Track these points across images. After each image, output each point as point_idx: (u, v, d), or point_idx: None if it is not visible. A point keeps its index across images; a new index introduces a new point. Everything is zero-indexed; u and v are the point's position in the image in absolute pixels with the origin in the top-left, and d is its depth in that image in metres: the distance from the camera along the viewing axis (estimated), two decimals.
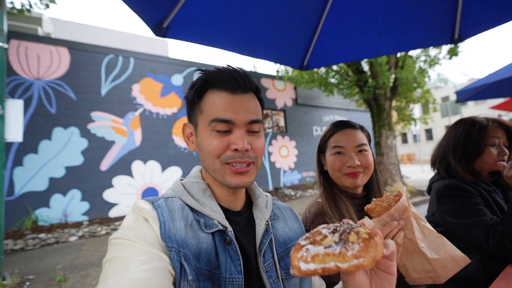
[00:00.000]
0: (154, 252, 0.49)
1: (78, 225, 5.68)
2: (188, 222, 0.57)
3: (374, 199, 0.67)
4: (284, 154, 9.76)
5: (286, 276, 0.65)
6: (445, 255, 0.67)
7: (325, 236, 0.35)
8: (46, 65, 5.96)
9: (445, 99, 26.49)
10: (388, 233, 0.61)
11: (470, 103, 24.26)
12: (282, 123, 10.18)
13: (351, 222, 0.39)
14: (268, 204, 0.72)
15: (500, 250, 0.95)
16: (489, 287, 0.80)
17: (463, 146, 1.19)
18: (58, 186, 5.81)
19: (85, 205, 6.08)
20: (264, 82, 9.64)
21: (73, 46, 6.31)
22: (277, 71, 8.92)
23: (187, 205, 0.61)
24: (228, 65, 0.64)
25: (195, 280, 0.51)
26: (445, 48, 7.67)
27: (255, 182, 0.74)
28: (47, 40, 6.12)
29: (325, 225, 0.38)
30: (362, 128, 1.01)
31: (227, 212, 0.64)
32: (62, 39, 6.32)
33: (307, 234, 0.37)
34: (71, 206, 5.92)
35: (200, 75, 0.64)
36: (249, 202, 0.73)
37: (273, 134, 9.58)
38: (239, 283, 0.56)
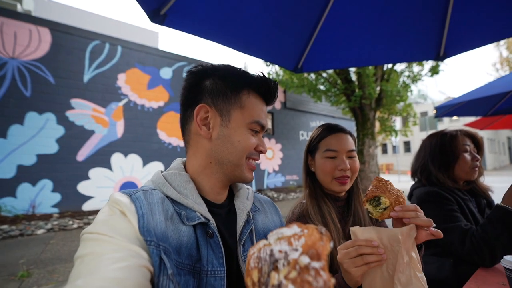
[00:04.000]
0: (131, 248, 0.46)
1: (47, 217, 5.34)
2: (169, 215, 0.56)
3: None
4: (269, 157, 9.80)
5: None
6: None
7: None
8: (24, 45, 5.59)
9: (424, 114, 27.95)
10: (363, 246, 0.61)
11: (446, 120, 25.79)
12: (269, 125, 10.23)
13: None
14: (249, 196, 0.73)
15: (475, 255, 1.01)
16: None
17: (439, 155, 1.28)
18: (27, 174, 5.44)
19: (56, 197, 5.74)
20: None
21: (55, 27, 5.97)
22: (268, 73, 8.97)
23: (168, 197, 0.60)
24: (266, 76, 0.68)
25: (175, 275, 0.50)
26: (427, 66, 8.11)
27: None
28: (27, 18, 5.74)
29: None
30: (350, 134, 1.03)
31: (209, 204, 0.64)
32: (43, 19, 5.95)
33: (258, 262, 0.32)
34: (40, 196, 5.56)
35: (232, 69, 0.66)
36: (231, 194, 0.73)
37: None
38: (221, 275, 0.55)
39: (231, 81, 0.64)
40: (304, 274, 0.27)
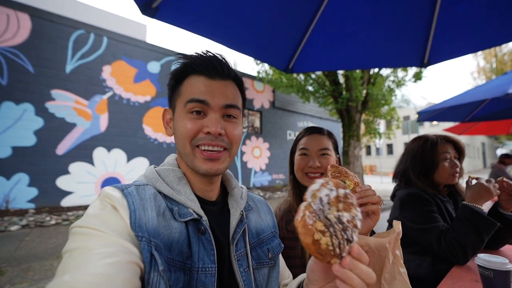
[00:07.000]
0: (121, 243, 0.45)
1: (22, 212, 5.09)
2: (161, 211, 0.55)
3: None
4: (256, 155, 9.83)
5: (257, 265, 0.66)
6: None
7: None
8: (0, 30, 5.26)
9: (406, 118, 29.00)
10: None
11: (427, 124, 26.90)
12: (257, 124, 10.25)
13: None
14: (243, 195, 0.73)
15: (449, 253, 1.07)
16: (438, 286, 0.89)
17: (420, 163, 1.33)
18: (0, 167, 5.15)
19: (33, 191, 5.48)
20: (244, 81, 9.62)
21: (36, 14, 5.66)
22: (258, 72, 8.96)
23: (160, 193, 0.59)
24: (207, 51, 0.64)
25: (166, 271, 0.49)
26: (411, 72, 8.41)
27: (230, 172, 0.75)
28: (4, 1, 5.41)
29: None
30: (329, 135, 1.11)
31: (202, 201, 0.63)
32: (22, 3, 5.63)
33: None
34: (15, 191, 5.28)
35: (181, 60, 0.65)
36: (225, 192, 0.73)
37: (247, 134, 9.59)
38: (211, 272, 0.55)
39: (176, 75, 0.64)
40: (347, 200, 0.42)
